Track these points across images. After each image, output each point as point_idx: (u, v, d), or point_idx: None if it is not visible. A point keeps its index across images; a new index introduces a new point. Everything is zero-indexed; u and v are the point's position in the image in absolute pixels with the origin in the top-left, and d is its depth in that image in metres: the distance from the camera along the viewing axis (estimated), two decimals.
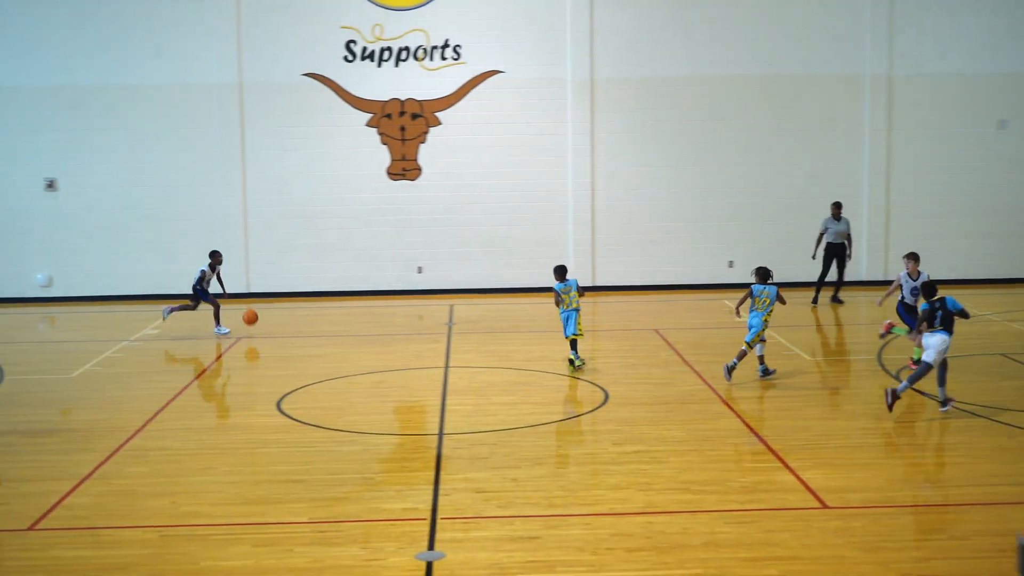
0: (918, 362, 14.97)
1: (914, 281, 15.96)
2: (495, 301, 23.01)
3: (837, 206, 22.11)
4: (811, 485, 10.97)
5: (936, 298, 13.75)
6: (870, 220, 24.60)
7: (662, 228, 24.59)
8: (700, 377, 15.79)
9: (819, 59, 24.37)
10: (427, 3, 23.94)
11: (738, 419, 13.51)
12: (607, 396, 14.85)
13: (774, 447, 12.31)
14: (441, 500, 10.64)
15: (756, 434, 12.84)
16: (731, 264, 24.62)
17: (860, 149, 24.59)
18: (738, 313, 15.74)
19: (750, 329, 15.30)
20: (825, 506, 10.39)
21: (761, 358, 15.61)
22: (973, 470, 11.55)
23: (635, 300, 23.26)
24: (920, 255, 16.35)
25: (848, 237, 22.03)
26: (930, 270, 23.38)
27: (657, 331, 19.34)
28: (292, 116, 24.11)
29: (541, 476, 11.39)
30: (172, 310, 19.92)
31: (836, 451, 12.15)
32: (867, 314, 22.24)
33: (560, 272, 16.64)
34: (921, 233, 24.40)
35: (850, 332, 20.34)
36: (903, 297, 16.18)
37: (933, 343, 13.42)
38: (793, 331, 19.35)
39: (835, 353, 17.59)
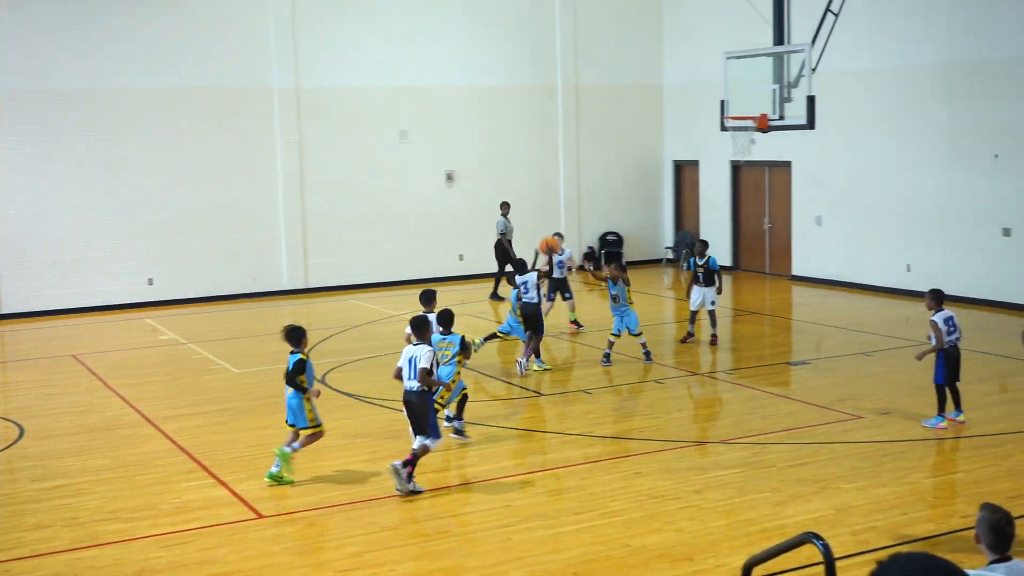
0: (576, 322, 19.23)
1: (560, 256, 19.01)
2: None
3: (505, 206, 23.59)
4: (245, 497, 10.92)
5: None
6: (287, 229, 24.98)
7: (75, 248, 23.14)
8: (125, 401, 15.18)
9: (229, 73, 24.31)
10: None
11: (167, 440, 13.13)
12: (22, 431, 13.79)
13: (205, 464, 12.11)
14: None
15: (187, 453, 12.56)
16: (151, 282, 23.83)
17: (274, 160, 24.90)
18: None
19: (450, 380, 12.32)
20: (260, 516, 10.39)
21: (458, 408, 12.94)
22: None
23: (47, 326, 21.77)
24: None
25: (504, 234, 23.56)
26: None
27: (75, 356, 18.32)
28: None
29: None
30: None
31: (268, 461, 12.17)
32: (311, 321, 22.59)
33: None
34: (342, 240, 25.32)
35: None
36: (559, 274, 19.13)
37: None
38: (221, 345, 19.21)
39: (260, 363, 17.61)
